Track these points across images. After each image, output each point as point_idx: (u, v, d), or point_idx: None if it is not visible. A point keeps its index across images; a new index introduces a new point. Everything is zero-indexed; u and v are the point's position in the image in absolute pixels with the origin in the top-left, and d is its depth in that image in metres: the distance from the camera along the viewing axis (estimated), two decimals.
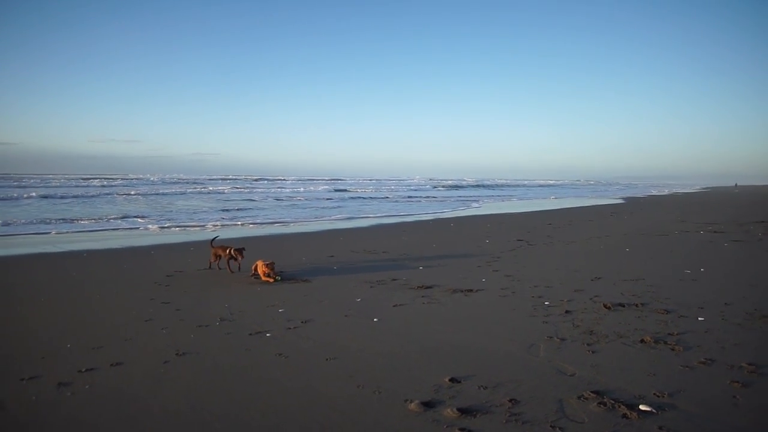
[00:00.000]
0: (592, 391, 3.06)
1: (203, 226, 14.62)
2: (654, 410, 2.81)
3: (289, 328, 4.52)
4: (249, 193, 34.32)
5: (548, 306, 5.21)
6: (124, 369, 3.58)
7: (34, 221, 14.98)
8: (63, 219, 15.94)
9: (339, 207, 23.92)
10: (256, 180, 65.12)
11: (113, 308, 5.35)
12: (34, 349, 4.04)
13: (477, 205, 27.05)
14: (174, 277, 7.01)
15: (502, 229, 13.64)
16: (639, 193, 45.85)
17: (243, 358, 3.78)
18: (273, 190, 39.06)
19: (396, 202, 28.44)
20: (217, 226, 14.71)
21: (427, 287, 6.19)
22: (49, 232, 12.69)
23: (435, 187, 50.70)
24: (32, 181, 45.07)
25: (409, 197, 32.32)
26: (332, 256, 8.92)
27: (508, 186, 62.36)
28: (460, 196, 35.63)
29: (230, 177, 72.32)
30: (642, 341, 4.01)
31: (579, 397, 3.00)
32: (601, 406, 2.88)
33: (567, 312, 4.93)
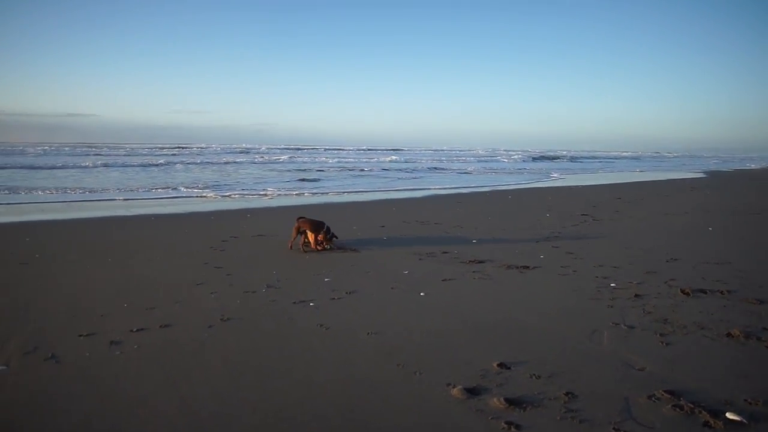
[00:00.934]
0: (665, 391, 2.66)
1: (264, 193, 15.03)
2: (745, 420, 2.38)
3: (333, 299, 4.43)
4: (312, 162, 34.58)
5: (614, 288, 4.71)
6: (172, 331, 3.65)
7: (112, 188, 16.12)
8: (143, 186, 17.04)
9: (415, 178, 22.98)
10: (313, 149, 66.02)
11: (170, 270, 5.54)
12: (96, 306, 4.25)
13: (555, 176, 25.59)
14: (228, 242, 7.18)
15: (566, 202, 12.78)
16: (727, 167, 41.41)
17: (284, 327, 3.73)
18: (333, 160, 39.02)
19: (465, 174, 27.35)
20: (273, 194, 15.05)
21: (479, 261, 5.86)
22: (120, 198, 13.60)
23: (511, 158, 48.11)
24: (107, 150, 48.55)
25: (469, 170, 31.03)
26: (383, 226, 8.75)
27: (593, 158, 56.83)
28: (540, 168, 33.21)
29: (291, 146, 73.75)
30: (729, 335, 3.47)
31: (649, 397, 2.61)
32: (677, 409, 2.48)
33: (636, 296, 4.42)
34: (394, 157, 42.35)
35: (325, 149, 65.30)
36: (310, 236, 6.72)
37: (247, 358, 3.19)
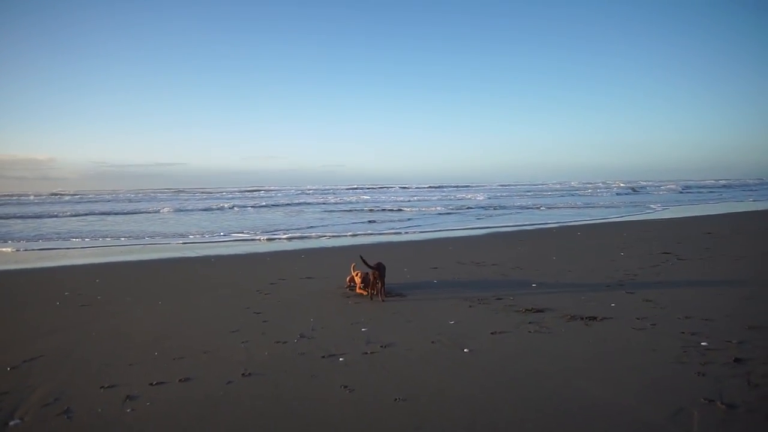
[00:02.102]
0: None
1: (322, 234, 15.17)
2: None
3: (366, 353, 4.02)
4: (390, 201, 34.55)
5: (706, 349, 3.85)
6: (189, 386, 3.44)
7: (187, 231, 17.14)
8: (214, 229, 18.00)
9: (485, 217, 21.42)
10: (380, 187, 66.89)
11: (211, 316, 5.47)
12: (129, 354, 4.19)
13: (656, 208, 23.57)
14: (276, 285, 7.08)
15: (644, 238, 11.46)
16: None
17: (305, 387, 3.38)
18: (402, 198, 38.82)
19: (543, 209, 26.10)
20: (332, 233, 15.12)
21: (538, 311, 5.18)
22: (189, 241, 14.34)
23: (608, 190, 44.72)
24: (188, 195, 52.46)
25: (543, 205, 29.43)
26: (436, 267, 8.26)
27: (703, 188, 50.48)
28: (632, 202, 29.69)
29: (356, 186, 75.31)
30: None
31: None
32: None
33: (737, 361, 3.54)
34: (479, 197, 38.91)
35: (400, 187, 65.19)
36: (357, 278, 6.40)
37: (255, 426, 2.86)
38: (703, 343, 3.96)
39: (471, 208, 26.55)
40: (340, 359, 3.90)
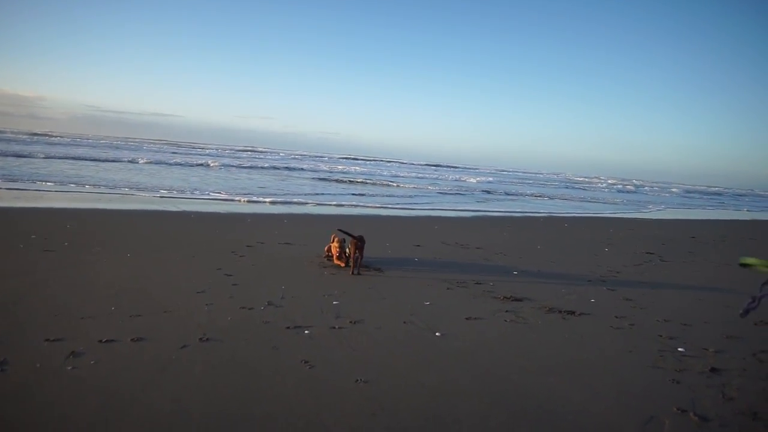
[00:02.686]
0: None
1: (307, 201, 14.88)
2: None
3: (333, 327, 3.84)
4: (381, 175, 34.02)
5: (683, 355, 3.74)
6: (140, 347, 3.23)
7: (172, 185, 16.66)
8: (201, 186, 17.54)
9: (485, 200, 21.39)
10: (374, 161, 66.14)
11: (179, 273, 5.24)
12: (84, 306, 3.96)
13: (651, 209, 23.38)
14: (253, 248, 6.85)
15: (630, 237, 11.40)
16: None
17: (264, 359, 3.19)
18: (404, 173, 38.14)
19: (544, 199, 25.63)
20: (318, 202, 14.83)
21: (516, 299, 5.04)
22: (172, 195, 13.95)
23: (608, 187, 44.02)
24: (197, 150, 51.09)
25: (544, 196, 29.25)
26: (419, 245, 8.08)
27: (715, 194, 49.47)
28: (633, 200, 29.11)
29: (351, 156, 74.22)
30: None
31: None
32: None
33: (713, 371, 3.44)
34: (475, 179, 37.61)
35: (401, 163, 64.11)
36: (334, 248, 6.20)
37: (206, 394, 2.67)
38: (680, 349, 3.85)
39: (467, 191, 26.31)
40: (306, 332, 3.72)
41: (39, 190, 12.13)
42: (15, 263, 5.20)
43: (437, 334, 3.88)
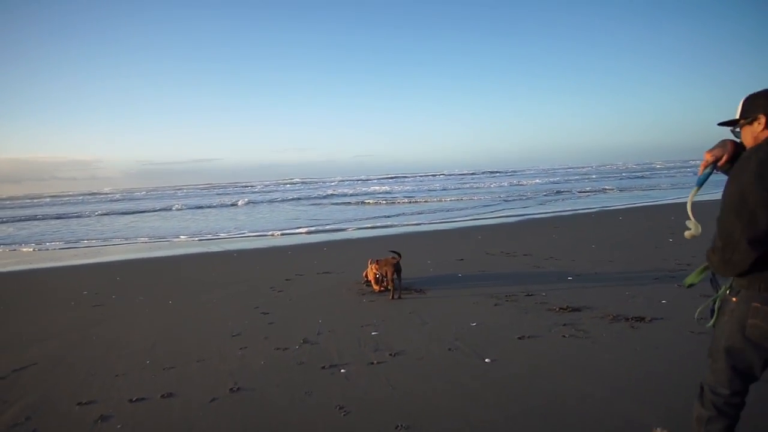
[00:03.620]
0: None
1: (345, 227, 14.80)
2: None
3: (371, 363, 3.53)
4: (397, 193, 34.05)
5: None
6: (169, 404, 3.07)
7: (214, 229, 17.17)
8: (239, 225, 18.00)
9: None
10: (409, 176, 65.90)
11: (215, 317, 5.15)
12: (120, 363, 3.90)
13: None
14: (291, 282, 6.72)
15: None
16: None
17: (295, 407, 2.93)
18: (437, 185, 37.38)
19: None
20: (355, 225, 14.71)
21: (574, 309, 4.53)
22: (214, 236, 14.31)
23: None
24: (234, 188, 53.22)
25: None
26: (462, 259, 7.67)
27: None
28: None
29: (390, 176, 74.18)
30: None
31: None
32: None
33: None
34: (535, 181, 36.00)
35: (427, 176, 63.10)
36: (371, 273, 5.89)
37: None
38: None
39: (528, 195, 25.47)
40: (342, 370, 3.43)
41: (92, 246, 12.80)
42: (63, 322, 5.32)
43: (486, 360, 3.48)
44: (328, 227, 14.29)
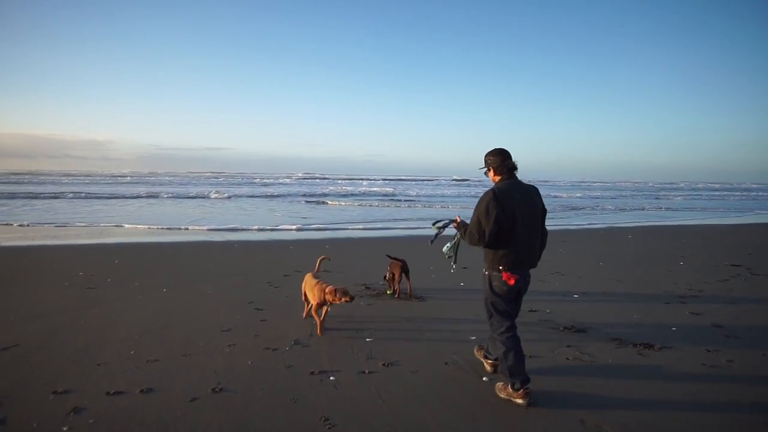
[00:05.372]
0: None
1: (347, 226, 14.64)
2: None
3: (363, 372, 3.37)
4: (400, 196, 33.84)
5: None
6: (147, 401, 2.91)
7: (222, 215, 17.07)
8: (250, 215, 17.88)
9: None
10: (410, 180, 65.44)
11: (208, 309, 5.00)
12: (103, 351, 3.76)
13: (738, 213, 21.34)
14: (289, 278, 6.57)
15: (707, 246, 10.10)
16: None
17: (278, 416, 2.76)
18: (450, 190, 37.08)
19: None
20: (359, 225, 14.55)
21: (579, 330, 4.34)
22: (221, 226, 14.21)
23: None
24: (244, 179, 52.95)
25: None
26: (466, 267, 7.46)
27: None
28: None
29: (392, 177, 73.90)
30: None
31: None
32: None
33: None
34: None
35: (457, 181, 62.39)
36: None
37: None
38: None
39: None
40: (331, 378, 3.27)
41: (98, 225, 12.72)
42: (54, 303, 5.19)
43: (484, 378, 3.30)
44: (332, 225, 14.14)
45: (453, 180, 63.49)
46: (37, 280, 6.29)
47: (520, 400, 2.85)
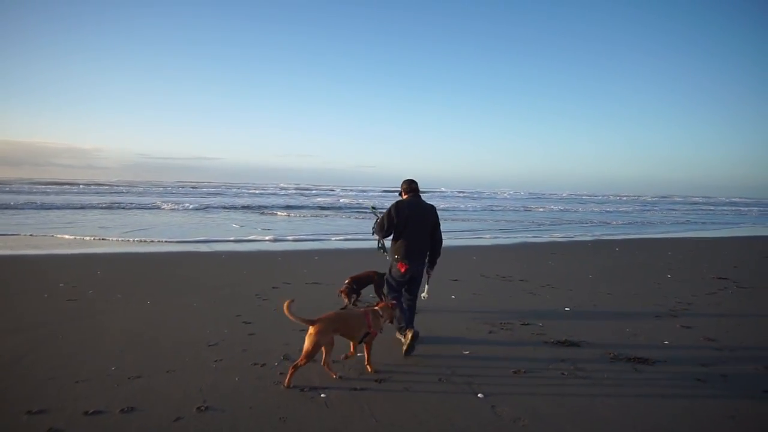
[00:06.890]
0: None
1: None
2: None
3: (354, 389, 3.27)
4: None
5: None
6: (127, 421, 2.78)
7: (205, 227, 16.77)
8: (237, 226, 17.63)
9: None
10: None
11: (194, 323, 4.86)
12: (83, 367, 3.60)
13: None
14: (278, 290, 6.44)
15: (694, 259, 10.23)
16: None
17: None
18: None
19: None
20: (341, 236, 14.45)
21: (572, 344, 4.29)
22: (207, 238, 13.98)
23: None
24: (237, 190, 52.23)
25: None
26: (456, 279, 7.43)
27: None
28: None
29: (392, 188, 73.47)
30: None
31: None
32: None
33: None
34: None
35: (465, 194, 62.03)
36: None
37: None
38: None
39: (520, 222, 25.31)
40: (322, 395, 3.16)
41: (81, 237, 12.41)
42: (33, 315, 5.00)
43: (479, 395, 3.22)
44: (321, 236, 14.02)
45: (441, 191, 63.70)
46: (14, 291, 6.07)
47: (402, 339, 3.99)
